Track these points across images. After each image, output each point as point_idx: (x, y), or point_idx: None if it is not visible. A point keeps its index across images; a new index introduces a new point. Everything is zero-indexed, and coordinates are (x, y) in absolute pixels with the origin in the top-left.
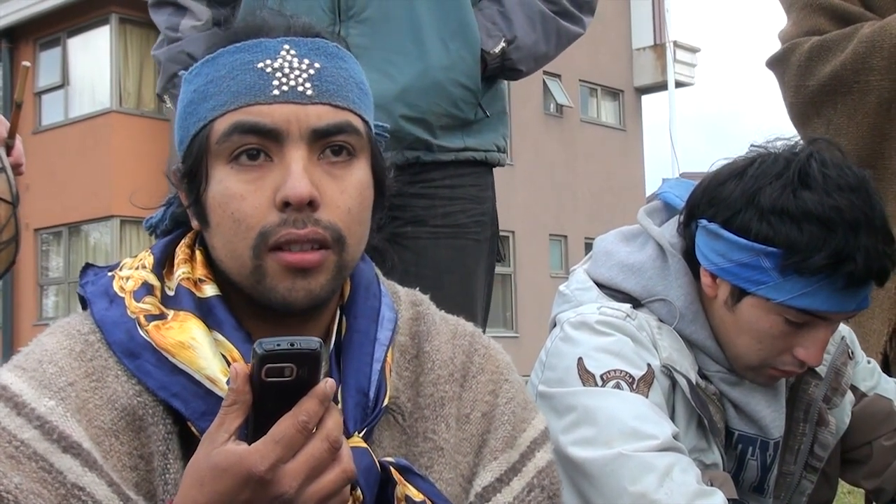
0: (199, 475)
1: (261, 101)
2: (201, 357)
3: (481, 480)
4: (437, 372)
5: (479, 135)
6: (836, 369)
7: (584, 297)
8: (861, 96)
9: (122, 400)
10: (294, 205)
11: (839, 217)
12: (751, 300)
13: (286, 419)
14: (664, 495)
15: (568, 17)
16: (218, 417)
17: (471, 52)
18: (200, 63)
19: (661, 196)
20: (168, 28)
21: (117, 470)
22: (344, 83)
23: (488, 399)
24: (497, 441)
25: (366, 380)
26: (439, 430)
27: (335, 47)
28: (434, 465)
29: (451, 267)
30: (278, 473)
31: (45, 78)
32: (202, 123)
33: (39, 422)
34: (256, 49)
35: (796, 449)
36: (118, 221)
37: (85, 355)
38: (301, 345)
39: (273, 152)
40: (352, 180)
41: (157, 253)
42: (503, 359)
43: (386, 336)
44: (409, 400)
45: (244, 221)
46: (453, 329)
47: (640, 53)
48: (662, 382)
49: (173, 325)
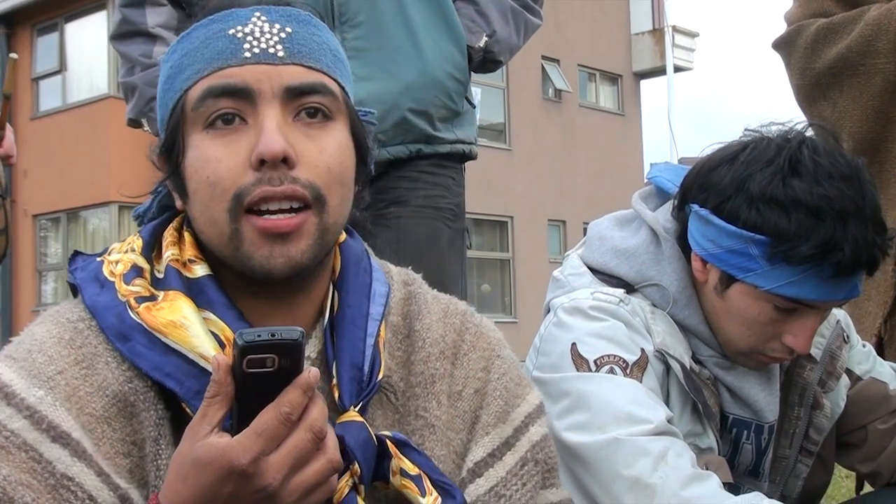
0: (183, 469)
1: (232, 63)
2: (193, 335)
3: (473, 455)
4: (428, 350)
5: (463, 127)
6: (832, 353)
7: (578, 283)
8: (866, 79)
9: (113, 386)
10: (269, 161)
11: (828, 206)
12: (739, 287)
13: (269, 410)
14: (659, 479)
15: (530, 10)
16: (200, 409)
17: (459, 48)
18: (176, 41)
19: (652, 180)
20: (142, 55)
21: (110, 457)
22: (317, 47)
23: (480, 375)
24: (489, 416)
25: (360, 354)
26: (430, 407)
27: (307, 15)
28: (426, 441)
29: (429, 244)
30: (261, 466)
31: (42, 64)
32: (178, 95)
33: (29, 411)
34: (228, 18)
35: (791, 433)
36: (116, 207)
37: (74, 343)
38: (282, 335)
39: (248, 114)
40: (330, 140)
41: (146, 236)
42: (494, 336)
43: (378, 311)
44: (402, 379)
45: (219, 184)
46: (445, 308)
47: (638, 38)
48: (656, 367)
49: (164, 306)
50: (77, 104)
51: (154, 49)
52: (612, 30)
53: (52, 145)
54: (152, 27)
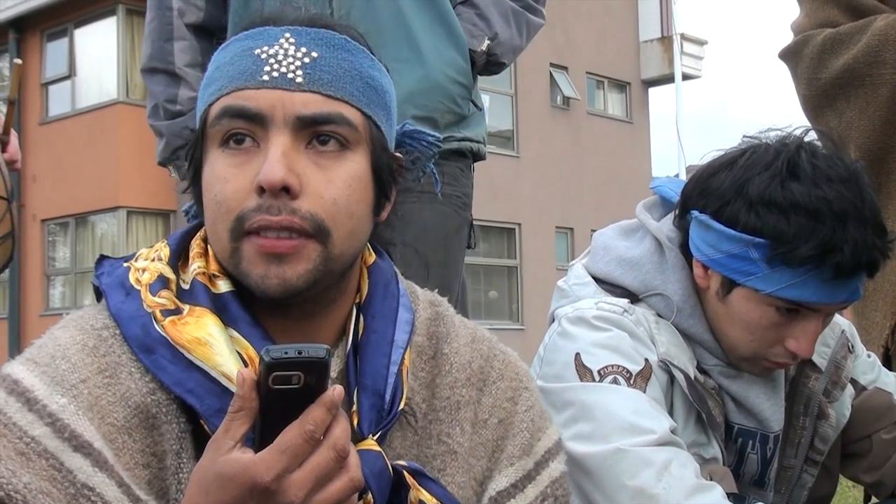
0: (205, 483)
1: (250, 85)
2: (217, 353)
3: (496, 485)
4: (455, 375)
5: (470, 127)
6: (836, 363)
7: (582, 293)
8: (873, 90)
9: (136, 397)
10: (268, 190)
11: (827, 208)
12: (741, 291)
13: (293, 428)
14: (663, 489)
15: (532, 10)
16: (224, 424)
17: (461, 52)
18: (218, 49)
19: (656, 190)
20: (167, 101)
21: (129, 468)
22: (342, 74)
23: (506, 406)
24: (515, 447)
25: (382, 381)
26: (454, 433)
27: (343, 39)
28: (447, 468)
29: (434, 227)
30: (284, 483)
31: (52, 69)
32: (203, 108)
33: (51, 419)
34: (259, 36)
35: (797, 442)
36: (125, 212)
37: (98, 351)
38: (309, 353)
39: (260, 137)
40: (340, 172)
41: (174, 245)
42: (522, 366)
43: (403, 339)
44: (424, 401)
45: (224, 204)
46: (472, 333)
47: (647, 46)
48: (660, 377)
49: (189, 321)
50: (86, 109)
51: (179, 93)
52: (621, 37)
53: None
54: (179, 67)
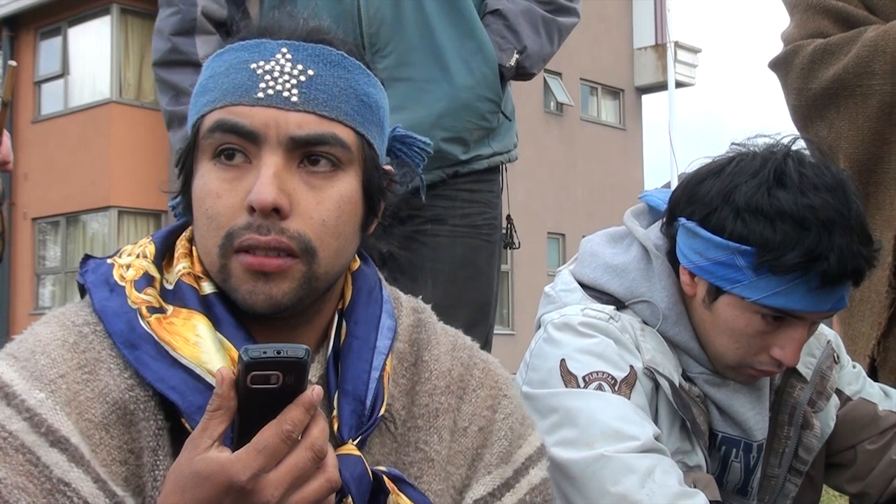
0: (181, 481)
1: (244, 101)
2: (204, 352)
3: (473, 493)
4: (434, 382)
5: (498, 138)
6: (822, 373)
7: (569, 299)
8: (863, 100)
9: (114, 393)
10: (258, 210)
11: (813, 216)
12: (727, 299)
13: (270, 427)
14: (646, 496)
15: (563, 11)
16: (202, 422)
17: (490, 68)
18: (212, 56)
19: (644, 199)
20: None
21: (106, 464)
22: (338, 93)
23: (486, 414)
24: (492, 456)
25: (363, 387)
26: (431, 441)
27: (339, 55)
28: (423, 475)
29: (465, 263)
30: (260, 483)
31: (45, 67)
32: (196, 117)
33: (28, 414)
34: (256, 49)
35: (781, 452)
36: (116, 212)
37: (78, 347)
38: (288, 352)
39: (252, 154)
40: (331, 192)
41: (159, 243)
42: (502, 374)
43: (385, 345)
44: (404, 407)
45: (215, 219)
46: (453, 341)
47: (641, 53)
48: (645, 384)
49: (175, 321)
50: (79, 108)
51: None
52: (615, 44)
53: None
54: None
